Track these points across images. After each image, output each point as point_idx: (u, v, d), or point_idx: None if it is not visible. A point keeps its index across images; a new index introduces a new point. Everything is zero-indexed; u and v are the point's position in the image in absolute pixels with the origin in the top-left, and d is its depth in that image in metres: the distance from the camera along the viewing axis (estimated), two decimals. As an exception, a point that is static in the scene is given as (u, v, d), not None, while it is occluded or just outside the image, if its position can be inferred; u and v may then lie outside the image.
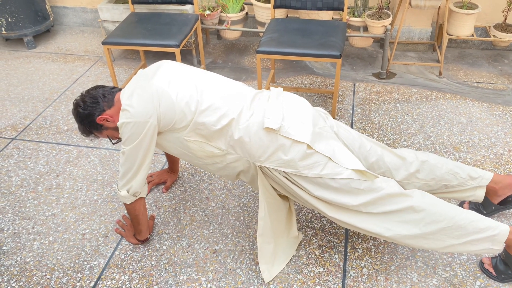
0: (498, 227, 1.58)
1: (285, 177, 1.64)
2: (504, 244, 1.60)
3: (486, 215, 1.89)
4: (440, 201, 1.63)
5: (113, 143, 1.81)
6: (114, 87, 1.74)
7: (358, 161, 1.62)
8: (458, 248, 1.60)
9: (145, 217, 1.85)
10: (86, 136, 1.77)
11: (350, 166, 1.58)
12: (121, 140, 1.68)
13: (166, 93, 1.59)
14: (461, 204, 2.00)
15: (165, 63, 1.74)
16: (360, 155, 1.77)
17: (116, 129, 1.70)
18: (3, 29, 3.50)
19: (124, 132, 1.60)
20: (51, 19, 3.75)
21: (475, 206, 1.95)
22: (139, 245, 1.92)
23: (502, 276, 1.70)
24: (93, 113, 1.67)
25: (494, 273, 1.72)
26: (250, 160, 1.65)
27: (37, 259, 1.89)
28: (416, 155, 1.81)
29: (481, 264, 1.77)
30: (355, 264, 1.81)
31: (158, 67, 1.71)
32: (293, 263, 1.82)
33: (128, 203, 1.76)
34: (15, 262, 1.88)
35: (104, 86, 1.74)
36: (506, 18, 3.04)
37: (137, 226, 1.86)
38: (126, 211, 2.08)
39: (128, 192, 1.71)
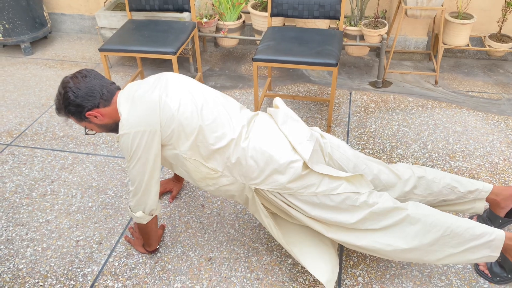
0: (494, 232, 1.58)
1: (281, 200, 1.64)
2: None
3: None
4: (435, 211, 1.63)
5: (85, 133, 1.74)
6: (113, 83, 1.65)
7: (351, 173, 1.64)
8: (457, 258, 1.60)
9: (156, 231, 1.84)
10: (58, 115, 1.64)
11: (345, 175, 1.60)
12: (95, 133, 1.68)
13: (167, 105, 1.55)
14: (470, 219, 1.98)
15: (166, 75, 1.69)
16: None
17: (100, 126, 1.66)
18: (0, 35, 3.50)
19: (124, 145, 1.55)
20: (48, 25, 3.76)
21: (484, 219, 1.93)
22: (133, 253, 1.91)
23: (497, 278, 1.72)
24: (84, 105, 1.57)
25: (489, 274, 1.73)
26: (246, 182, 1.63)
27: (30, 266, 1.87)
28: (413, 171, 1.81)
29: (476, 266, 1.78)
30: (350, 272, 1.80)
31: (159, 78, 1.66)
32: (288, 271, 1.81)
33: (145, 223, 1.73)
34: (8, 269, 1.86)
35: (102, 77, 1.63)
36: (501, 28, 3.07)
37: (147, 240, 1.85)
38: (122, 216, 2.08)
39: (143, 213, 1.69)
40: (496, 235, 1.58)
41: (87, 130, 1.72)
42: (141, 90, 1.60)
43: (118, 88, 1.67)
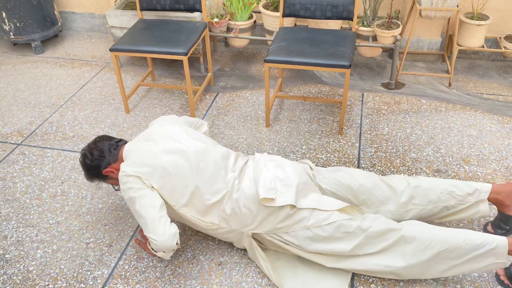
0: (494, 240, 1.58)
1: (278, 239, 1.72)
2: (510, 256, 1.60)
3: (511, 230, 1.85)
4: (430, 227, 1.65)
5: (115, 189, 1.91)
6: (120, 140, 1.85)
7: (341, 202, 1.70)
8: (462, 268, 1.61)
9: None
10: (91, 182, 1.86)
11: (333, 208, 1.66)
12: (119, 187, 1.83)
13: (161, 165, 1.67)
14: (485, 226, 1.94)
15: (165, 126, 1.82)
16: (348, 196, 1.82)
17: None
18: (11, 33, 3.51)
19: (122, 190, 1.69)
20: (59, 24, 3.75)
21: (498, 224, 1.88)
22: (143, 256, 1.89)
23: None
24: (100, 165, 1.79)
25: (510, 284, 1.70)
26: (243, 230, 1.72)
27: (40, 268, 1.86)
28: (408, 181, 1.83)
29: (497, 276, 1.75)
30: (363, 279, 1.77)
31: (157, 129, 1.80)
32: (299, 277, 1.79)
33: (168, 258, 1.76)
34: (18, 270, 1.85)
35: (110, 138, 1.85)
36: (517, 29, 3.01)
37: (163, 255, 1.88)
38: (132, 218, 2.06)
39: (164, 252, 1.69)
40: (498, 243, 1.57)
41: (115, 186, 1.89)
42: (141, 145, 1.75)
43: (125, 142, 1.83)
